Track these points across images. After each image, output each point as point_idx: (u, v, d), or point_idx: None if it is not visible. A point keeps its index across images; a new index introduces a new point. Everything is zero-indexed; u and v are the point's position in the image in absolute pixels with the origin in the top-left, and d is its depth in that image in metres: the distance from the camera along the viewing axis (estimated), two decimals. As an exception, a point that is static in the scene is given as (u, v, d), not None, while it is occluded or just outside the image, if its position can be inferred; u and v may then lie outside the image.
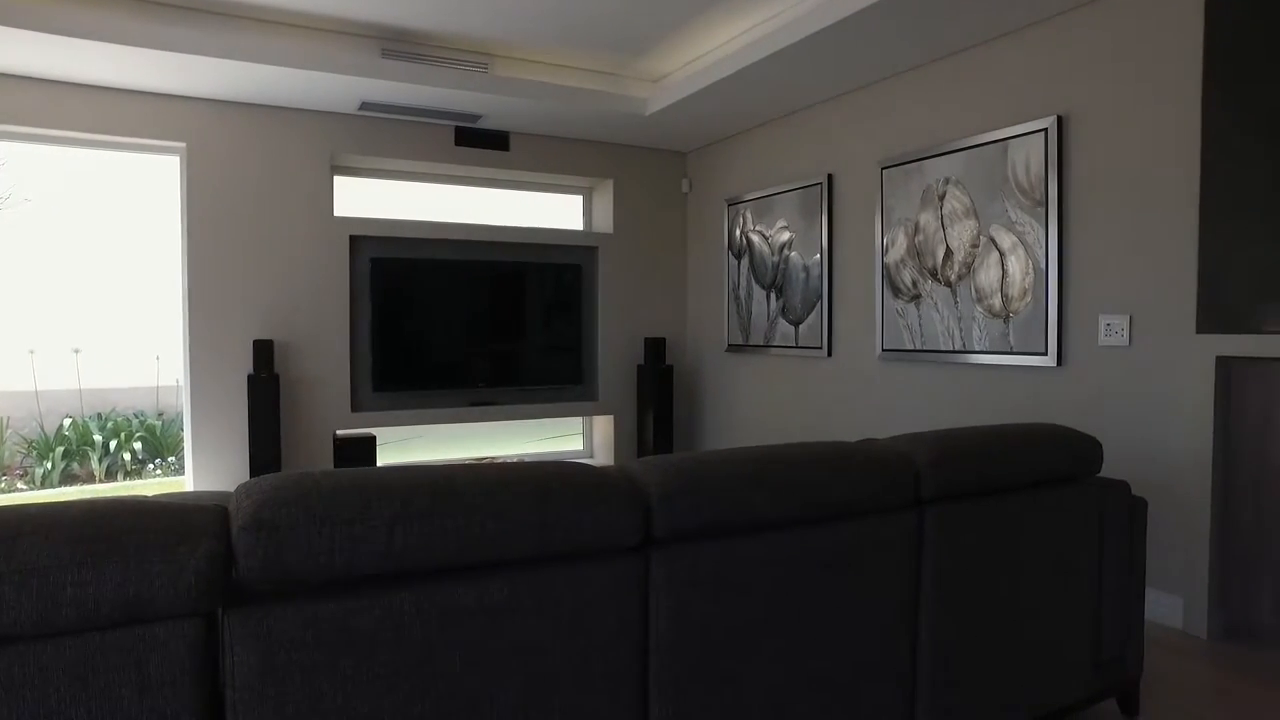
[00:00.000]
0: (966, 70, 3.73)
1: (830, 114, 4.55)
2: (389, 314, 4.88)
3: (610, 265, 5.61)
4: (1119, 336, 3.12)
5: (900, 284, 4.06)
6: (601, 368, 5.60)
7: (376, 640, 1.18)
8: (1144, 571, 2.24)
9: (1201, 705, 2.35)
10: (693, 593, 1.44)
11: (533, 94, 4.53)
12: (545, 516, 1.31)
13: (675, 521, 1.43)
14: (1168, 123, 2.98)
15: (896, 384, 4.13)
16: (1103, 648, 2.15)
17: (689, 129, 5.22)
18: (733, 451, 1.60)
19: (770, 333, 5.00)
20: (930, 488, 1.74)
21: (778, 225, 4.93)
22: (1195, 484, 2.90)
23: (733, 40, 4.27)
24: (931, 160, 3.87)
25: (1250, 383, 2.82)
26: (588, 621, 1.35)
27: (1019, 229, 3.46)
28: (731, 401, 5.43)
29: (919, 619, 1.76)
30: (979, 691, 1.86)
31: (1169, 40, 2.97)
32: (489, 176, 5.44)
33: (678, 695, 1.45)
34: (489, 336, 5.18)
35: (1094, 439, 2.15)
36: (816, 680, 1.60)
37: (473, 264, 5.12)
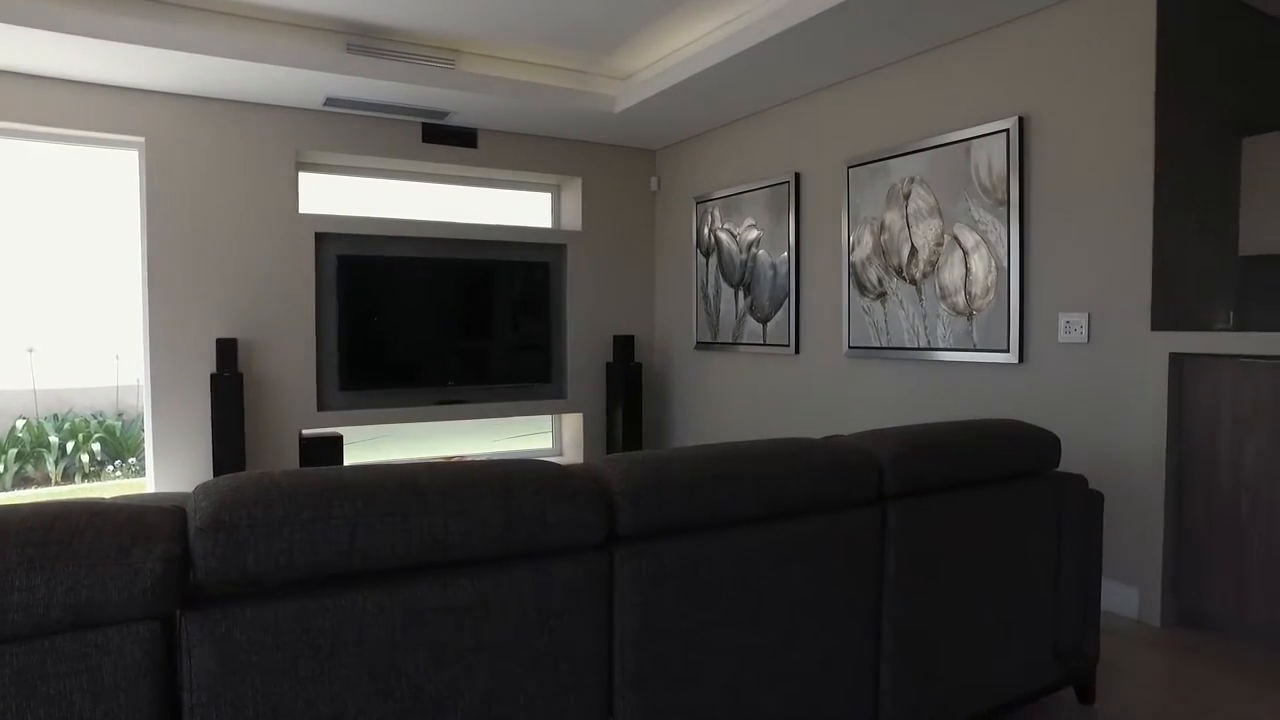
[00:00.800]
0: (930, 71, 3.78)
1: (797, 113, 4.58)
2: (355, 312, 4.83)
3: (579, 263, 5.61)
4: (1078, 334, 3.18)
5: (866, 282, 4.10)
6: (570, 366, 5.59)
7: (338, 641, 1.17)
8: (1100, 563, 2.29)
9: (1155, 691, 2.41)
10: (658, 589, 1.45)
11: (501, 91, 4.50)
12: (509, 515, 1.31)
13: (640, 518, 1.44)
14: (1123, 126, 3.04)
15: (863, 381, 4.18)
16: (1061, 638, 2.20)
17: (658, 127, 5.22)
18: (697, 449, 1.61)
19: (738, 330, 5.03)
20: (893, 483, 1.76)
21: (746, 223, 4.95)
22: (1150, 477, 2.98)
23: (701, 39, 4.28)
24: (897, 160, 3.91)
25: (1201, 379, 2.89)
26: (553, 619, 1.35)
27: (982, 228, 3.52)
28: (700, 399, 5.46)
29: (882, 613, 1.78)
30: (941, 683, 1.89)
31: (1124, 46, 3.04)
32: (457, 174, 5.40)
33: (643, 691, 1.45)
34: (457, 334, 5.15)
35: (1052, 434, 2.19)
36: (781, 674, 1.61)
37: (440, 262, 5.08)
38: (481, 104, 4.64)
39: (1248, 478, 2.77)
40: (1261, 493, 2.74)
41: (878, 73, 4.06)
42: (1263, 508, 2.73)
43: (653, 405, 5.92)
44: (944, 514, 1.85)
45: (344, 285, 4.79)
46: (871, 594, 1.75)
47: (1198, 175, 3.16)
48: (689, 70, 4.19)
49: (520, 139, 5.36)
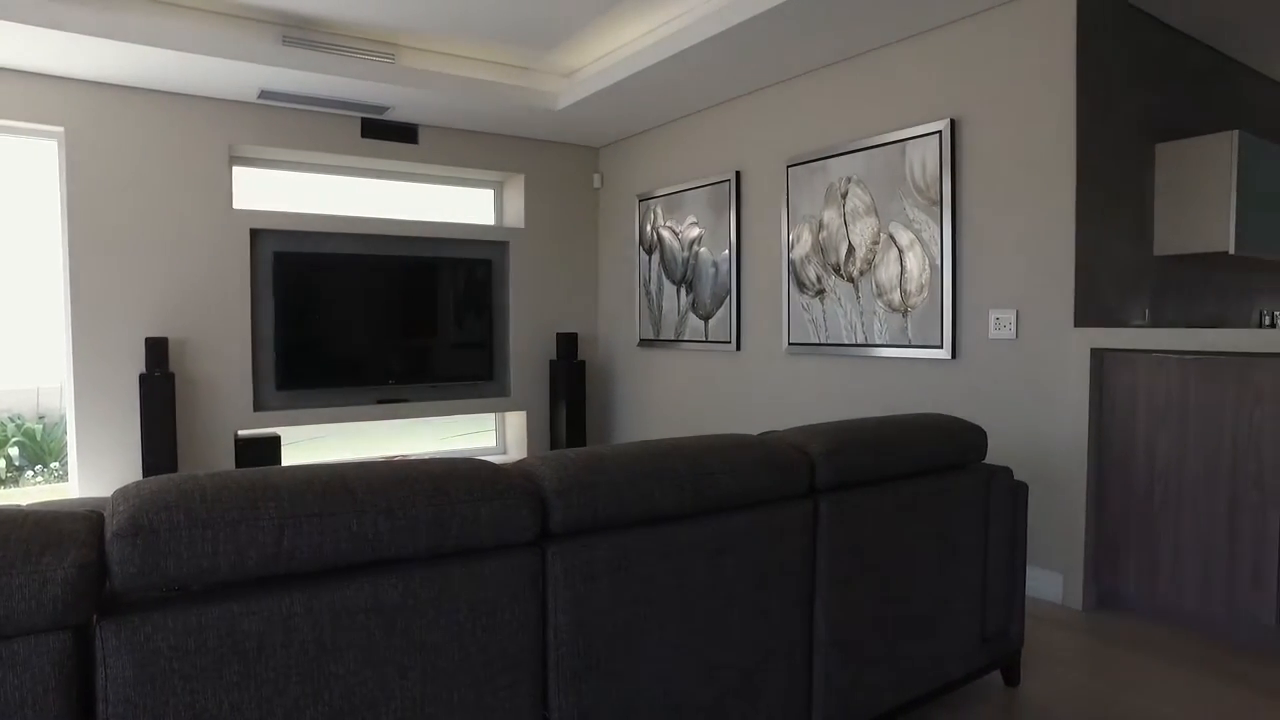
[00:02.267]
0: (866, 73, 3.86)
1: (738, 112, 4.64)
2: (293, 309, 4.73)
3: (522, 260, 5.58)
4: (1007, 330, 3.29)
5: (805, 279, 4.17)
6: (513, 363, 5.56)
7: (265, 643, 1.15)
8: (1025, 550, 2.37)
9: (1076, 671, 2.52)
10: (591, 586, 1.46)
11: (442, 86, 4.45)
12: (440, 513, 1.31)
13: (572, 516, 1.45)
14: (1047, 130, 3.16)
15: (803, 377, 4.25)
16: (988, 623, 2.28)
17: (600, 124, 5.23)
18: (630, 445, 1.62)
19: (681, 327, 5.07)
20: (825, 477, 1.81)
21: (688, 221, 4.99)
22: (1073, 467, 3.10)
23: (643, 37, 4.30)
24: (835, 159, 3.99)
25: (1119, 372, 3.02)
26: (485, 617, 1.36)
27: (916, 227, 3.61)
28: (644, 396, 5.48)
29: (815, 603, 1.82)
30: (874, 670, 1.94)
31: (1047, 54, 3.15)
32: (397, 169, 5.33)
33: (578, 687, 1.46)
34: (398, 332, 5.08)
35: (979, 428, 2.27)
36: (716, 666, 1.64)
37: (381, 259, 5.01)
38: (422, 99, 4.58)
39: (1160, 467, 2.90)
40: (1172, 481, 2.87)
41: (816, 74, 4.13)
42: (1173, 496, 2.87)
43: (596, 403, 5.93)
44: (874, 506, 1.90)
45: (281, 282, 4.69)
46: (804, 585, 1.79)
47: (1116, 178, 3.30)
48: (631, 68, 4.21)
49: (462, 135, 5.31)
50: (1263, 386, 2.65)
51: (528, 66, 4.82)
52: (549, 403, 5.66)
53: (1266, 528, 2.66)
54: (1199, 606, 2.82)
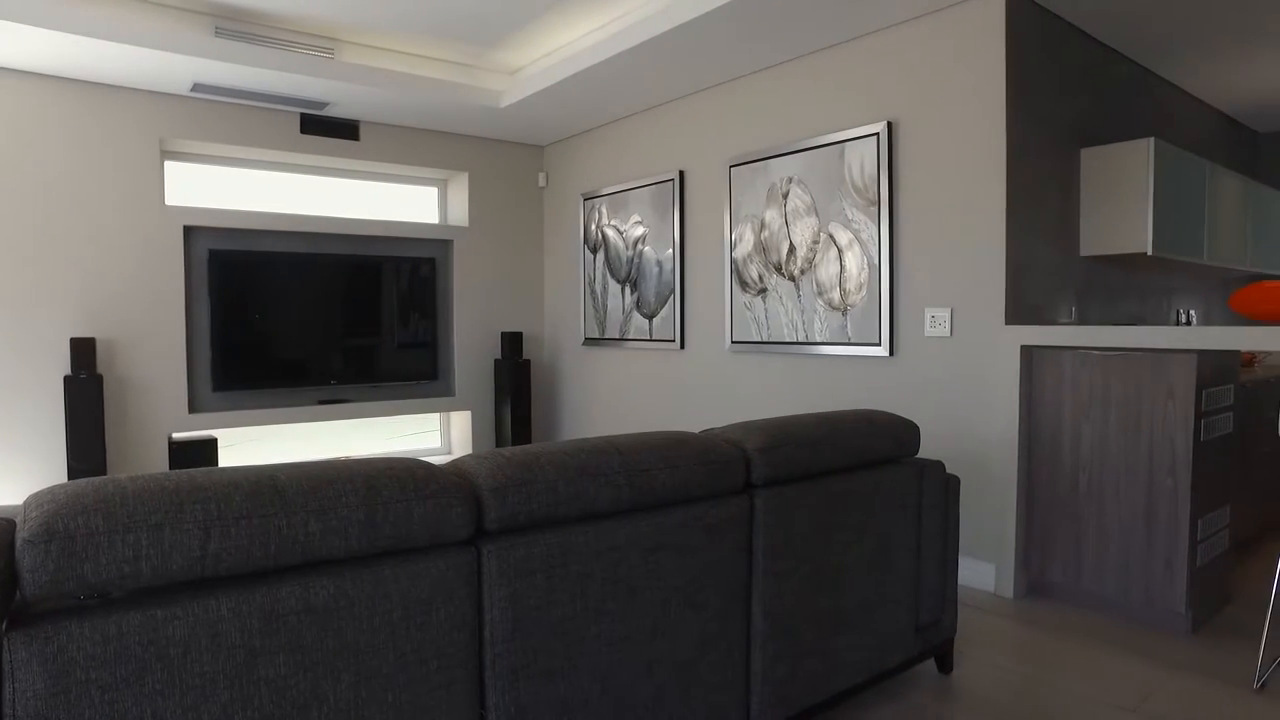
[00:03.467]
0: (808, 75, 3.93)
1: (682, 112, 4.67)
2: (230, 309, 4.61)
3: (466, 259, 5.53)
4: (942, 328, 3.38)
5: (748, 278, 4.23)
6: (458, 363, 5.51)
7: (191, 649, 1.13)
8: (958, 542, 2.45)
9: (1006, 656, 2.61)
10: (527, 583, 1.46)
11: (383, 83, 4.39)
12: (373, 513, 1.30)
13: (507, 513, 1.45)
14: (979, 134, 3.25)
15: (746, 374, 4.31)
16: (922, 613, 2.34)
17: (545, 123, 5.21)
18: (566, 443, 1.63)
19: (625, 326, 5.09)
20: (760, 473, 1.84)
21: (632, 220, 5.01)
22: (1005, 460, 3.20)
23: (587, 35, 4.30)
24: (776, 160, 4.05)
25: (1047, 368, 3.13)
26: (420, 617, 1.35)
27: (855, 227, 3.68)
28: (589, 394, 5.49)
29: (752, 597, 1.85)
30: (810, 662, 1.98)
31: (979, 61, 3.25)
32: (338, 166, 5.23)
33: (515, 685, 1.47)
34: (341, 332, 4.99)
35: (912, 423, 2.33)
36: (654, 661, 1.66)
37: (323, 257, 4.91)
38: (363, 95, 4.51)
39: (1084, 459, 3.02)
40: (1095, 473, 2.99)
41: (758, 75, 4.18)
42: (1095, 487, 2.99)
43: (542, 402, 5.91)
44: (810, 500, 1.94)
45: (217, 281, 4.57)
46: (742, 579, 1.82)
47: (1044, 182, 3.42)
48: (575, 67, 4.21)
49: (404, 132, 5.24)
50: (1176, 381, 2.78)
51: (471, 64, 4.78)
52: (494, 402, 5.63)
53: (1178, 516, 2.79)
54: (1119, 592, 2.94)
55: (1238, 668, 2.54)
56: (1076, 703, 2.30)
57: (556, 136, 5.59)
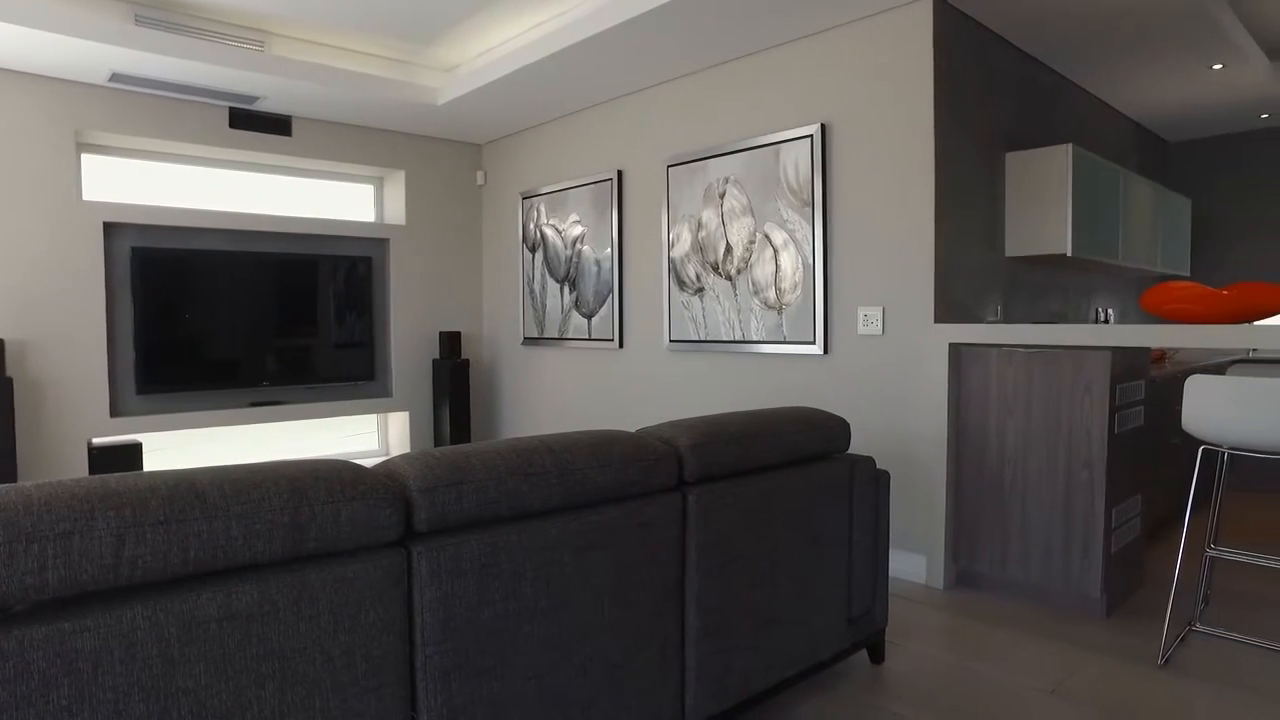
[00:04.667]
0: (744, 77, 3.98)
1: (620, 112, 4.68)
2: (156, 308, 4.45)
3: (403, 257, 5.45)
4: (874, 326, 3.46)
5: (685, 278, 4.26)
6: (395, 363, 5.43)
7: (102, 661, 1.09)
8: (888, 535, 2.51)
9: (935, 646, 2.69)
10: (458, 584, 1.45)
11: (316, 77, 4.30)
12: (298, 516, 1.27)
13: (437, 514, 1.44)
14: (908, 138, 3.34)
15: (684, 373, 4.34)
16: (853, 606, 2.40)
17: (483, 121, 5.17)
18: (498, 443, 1.63)
19: (564, 325, 5.08)
20: (692, 470, 1.86)
21: (571, 219, 5.01)
22: (935, 455, 3.30)
23: (525, 33, 4.28)
24: (713, 160, 4.09)
25: (974, 365, 3.23)
26: (348, 620, 1.33)
27: (790, 227, 3.75)
28: (529, 394, 5.46)
29: (686, 593, 1.88)
30: (743, 656, 2.01)
31: (908, 66, 3.34)
32: (270, 163, 5.10)
33: (447, 687, 1.46)
34: (274, 332, 4.87)
35: (842, 419, 2.38)
36: (588, 660, 1.67)
37: (255, 255, 4.78)
38: (295, 90, 4.41)
39: (1009, 452, 3.13)
40: (1019, 466, 3.10)
41: (695, 76, 4.22)
42: (1019, 479, 3.10)
43: (481, 402, 5.86)
44: (742, 497, 1.97)
45: (140, 280, 4.40)
46: (675, 576, 1.84)
47: (970, 185, 3.53)
48: (512, 65, 4.18)
49: (339, 129, 5.14)
50: (1092, 377, 2.90)
51: (407, 60, 4.71)
52: (432, 403, 5.56)
53: (1094, 505, 2.91)
54: (1041, 580, 3.06)
55: (1146, 646, 2.67)
56: (1000, 687, 2.39)
57: (494, 135, 5.55)
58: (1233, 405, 2.44)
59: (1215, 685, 2.40)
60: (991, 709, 2.26)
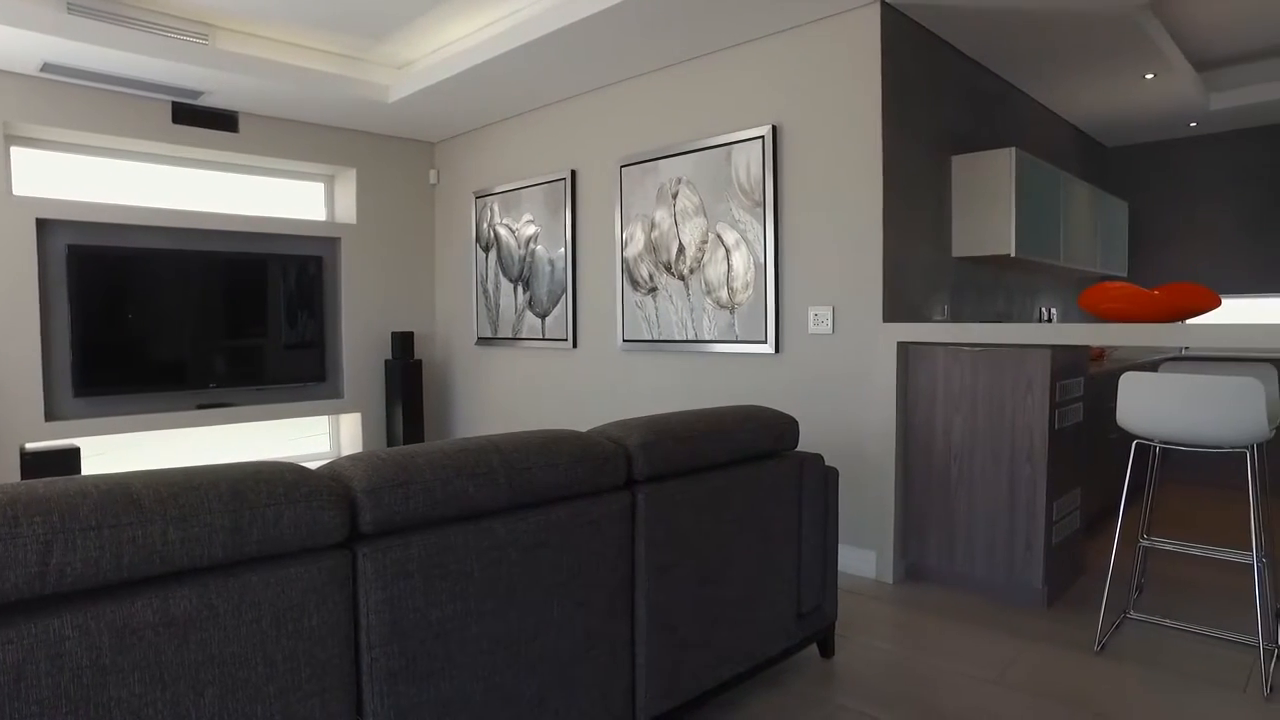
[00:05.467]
0: (697, 77, 4.00)
1: (573, 111, 4.68)
2: (95, 308, 4.31)
3: (354, 257, 5.37)
4: (825, 325, 3.51)
5: (639, 277, 4.27)
6: (347, 364, 5.35)
7: (25, 673, 1.06)
8: (837, 531, 2.55)
9: (884, 639, 2.74)
10: (405, 585, 1.44)
11: (263, 72, 4.21)
12: (239, 519, 1.25)
13: (383, 515, 1.43)
14: (857, 140, 3.40)
15: (637, 372, 4.35)
16: (803, 601, 2.43)
17: (436, 119, 5.12)
18: (445, 443, 1.62)
19: (518, 325, 5.06)
20: (642, 469, 1.87)
21: (524, 219, 4.99)
22: (884, 452, 3.35)
23: (478, 31, 4.25)
24: (666, 160, 4.11)
25: (921, 363, 3.30)
26: (292, 624, 1.31)
27: (742, 227, 3.78)
28: (483, 394, 5.42)
29: (636, 592, 1.88)
30: (694, 653, 2.03)
31: (857, 69, 3.39)
32: (216, 159, 4.98)
33: (394, 690, 1.44)
34: (222, 332, 4.75)
35: (791, 417, 2.41)
36: (538, 660, 1.66)
37: (202, 254, 4.66)
38: (242, 85, 4.31)
39: (956, 448, 3.20)
40: (965, 462, 3.18)
41: (648, 76, 4.23)
42: (966, 474, 3.18)
43: (434, 403, 5.81)
44: (691, 495, 1.99)
45: (78, 279, 4.26)
46: (624, 575, 1.84)
47: (918, 186, 3.60)
48: (465, 63, 4.15)
49: (287, 125, 5.04)
50: (1034, 374, 2.98)
51: (358, 56, 4.64)
52: (385, 403, 5.49)
53: (1036, 499, 2.99)
54: (987, 573, 3.14)
55: (1084, 634, 2.75)
56: (946, 678, 2.45)
57: (448, 133, 5.50)
58: (1163, 401, 2.53)
59: (1146, 669, 2.48)
60: (937, 699, 2.31)
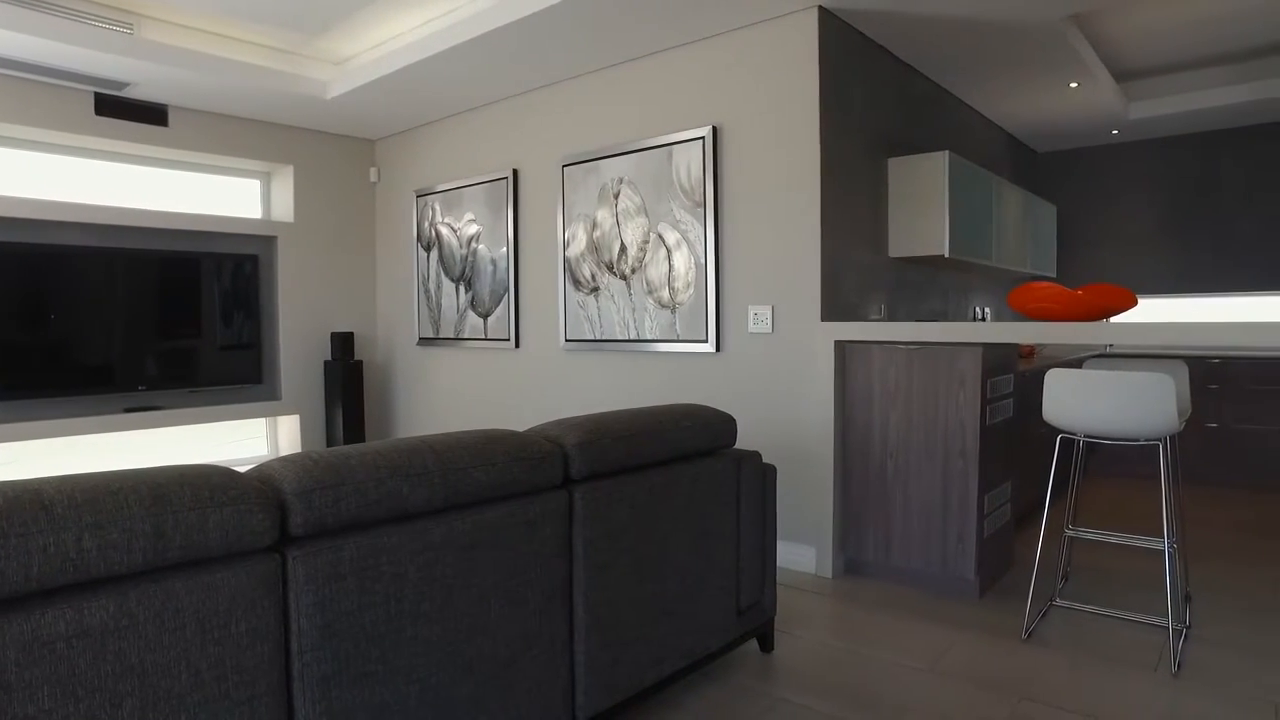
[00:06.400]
0: (638, 78, 4.02)
1: (516, 110, 4.65)
2: (11, 308, 4.13)
3: (292, 256, 5.25)
4: (764, 325, 3.56)
5: (581, 277, 4.28)
6: (284, 365, 5.23)
7: (-68, 685, 1.02)
8: (775, 527, 2.59)
9: (823, 632, 2.79)
10: (337, 588, 1.42)
11: (193, 65, 4.09)
12: (160, 524, 1.22)
13: (314, 517, 1.41)
14: (796, 142, 3.45)
15: (580, 373, 4.35)
16: (742, 597, 2.46)
17: (376, 116, 5.03)
18: (379, 443, 1.60)
19: (460, 325, 5.01)
20: (579, 468, 1.87)
21: (466, 218, 4.94)
22: (823, 448, 3.42)
23: (419, 27, 4.19)
24: (607, 160, 4.11)
25: (858, 362, 3.37)
26: (218, 630, 1.28)
27: (683, 227, 3.81)
28: (424, 396, 5.36)
29: (574, 590, 1.89)
30: (634, 650, 2.04)
31: (796, 72, 3.45)
32: (145, 154, 4.82)
33: (326, 694, 1.42)
34: (153, 333, 4.60)
35: (729, 415, 2.44)
36: (475, 660, 1.66)
37: (131, 252, 4.50)
38: (171, 78, 4.18)
39: (892, 444, 3.28)
40: (900, 457, 3.26)
41: (590, 76, 4.24)
42: (901, 469, 3.26)
43: (375, 404, 5.72)
44: (630, 493, 2.00)
45: (-7, 278, 4.08)
46: (563, 574, 1.85)
47: (855, 188, 3.67)
48: (404, 60, 4.10)
49: (221, 120, 4.90)
50: (965, 371, 3.07)
51: (294, 51, 4.54)
52: (324, 405, 5.38)
53: (968, 493, 3.09)
54: (922, 565, 3.22)
55: (1013, 622, 2.85)
56: (883, 668, 2.51)
57: (388, 131, 5.42)
58: (1083, 397, 2.63)
59: (1069, 653, 2.58)
60: (874, 688, 2.37)
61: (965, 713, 2.22)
